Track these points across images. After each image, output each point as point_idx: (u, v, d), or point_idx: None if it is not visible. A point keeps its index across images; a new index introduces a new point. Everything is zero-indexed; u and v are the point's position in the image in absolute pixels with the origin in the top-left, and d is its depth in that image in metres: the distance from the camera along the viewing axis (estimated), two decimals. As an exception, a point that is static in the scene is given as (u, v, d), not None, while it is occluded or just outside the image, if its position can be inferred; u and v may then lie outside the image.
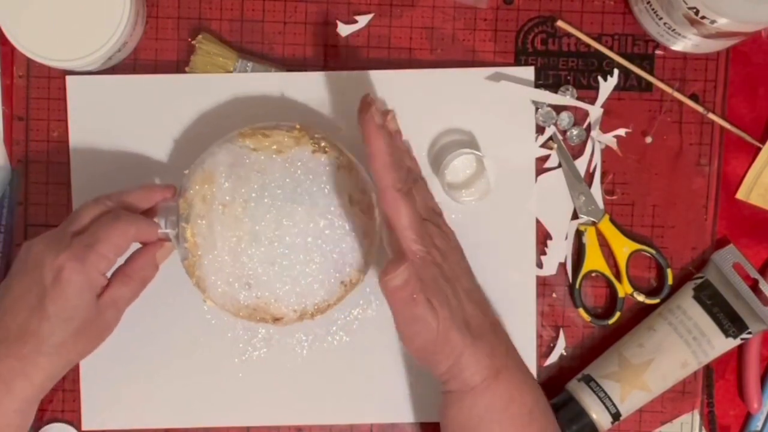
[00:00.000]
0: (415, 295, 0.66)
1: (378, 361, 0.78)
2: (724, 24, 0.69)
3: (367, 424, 0.79)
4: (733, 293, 0.76)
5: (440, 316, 0.66)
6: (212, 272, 0.71)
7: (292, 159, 0.71)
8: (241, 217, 0.71)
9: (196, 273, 0.72)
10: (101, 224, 0.67)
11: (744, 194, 0.79)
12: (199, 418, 0.78)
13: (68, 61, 0.72)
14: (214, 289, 0.71)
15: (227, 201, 0.71)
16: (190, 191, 0.71)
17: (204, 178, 0.71)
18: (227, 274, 0.71)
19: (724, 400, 0.80)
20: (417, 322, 0.66)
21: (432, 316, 0.66)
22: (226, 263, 0.71)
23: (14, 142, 0.78)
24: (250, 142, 0.71)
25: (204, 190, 0.71)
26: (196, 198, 0.71)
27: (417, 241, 0.67)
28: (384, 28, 0.79)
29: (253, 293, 0.71)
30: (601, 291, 0.79)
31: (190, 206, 0.71)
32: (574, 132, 0.78)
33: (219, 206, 0.71)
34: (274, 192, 0.71)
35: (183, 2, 0.78)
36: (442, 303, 0.66)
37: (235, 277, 0.71)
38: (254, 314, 0.72)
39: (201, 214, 0.71)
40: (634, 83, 0.79)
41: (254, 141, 0.71)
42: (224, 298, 0.72)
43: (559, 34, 0.79)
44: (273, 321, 0.72)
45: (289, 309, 0.72)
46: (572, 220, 0.79)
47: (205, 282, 0.71)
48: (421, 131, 0.78)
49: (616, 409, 0.75)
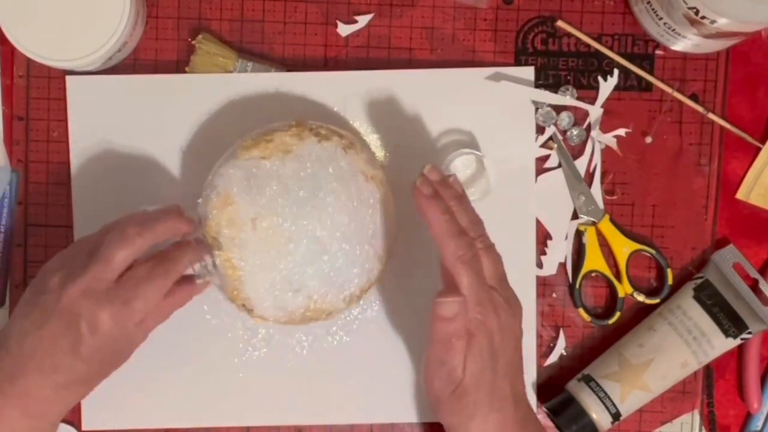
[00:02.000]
0: (454, 340, 0.66)
1: (378, 361, 0.78)
2: (724, 24, 0.69)
3: (367, 424, 0.79)
4: (733, 293, 0.76)
5: (467, 376, 0.66)
6: (256, 290, 0.70)
7: (300, 155, 0.70)
8: (272, 227, 0.69)
9: (240, 296, 0.71)
10: (138, 281, 0.66)
11: (744, 194, 0.80)
12: (199, 418, 0.78)
13: (68, 61, 0.72)
14: (261, 305, 0.71)
15: (254, 215, 0.69)
16: (211, 218, 0.70)
17: (222, 202, 0.70)
18: (272, 287, 0.70)
19: (724, 400, 0.80)
20: (443, 366, 0.67)
21: (459, 372, 0.66)
22: (269, 277, 0.70)
23: (14, 142, 0.78)
24: (257, 152, 0.71)
25: (227, 213, 0.70)
26: (221, 223, 0.70)
27: (475, 309, 0.66)
28: (384, 28, 0.79)
29: (299, 297, 0.71)
30: (601, 291, 0.80)
31: (217, 232, 0.70)
32: (574, 132, 0.79)
33: (248, 223, 0.69)
34: (296, 192, 0.70)
35: (183, 2, 0.78)
36: (474, 367, 0.66)
37: (280, 288, 0.70)
38: (306, 317, 0.71)
39: (231, 236, 0.70)
40: (634, 83, 0.79)
41: (260, 149, 0.71)
42: (274, 311, 0.71)
43: (559, 34, 0.79)
44: (326, 317, 0.72)
45: (338, 299, 0.71)
46: (572, 220, 0.79)
47: (252, 302, 0.71)
48: (421, 131, 0.78)
49: (616, 409, 0.75)
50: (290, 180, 0.70)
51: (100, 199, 0.77)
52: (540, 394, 0.79)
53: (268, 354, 0.78)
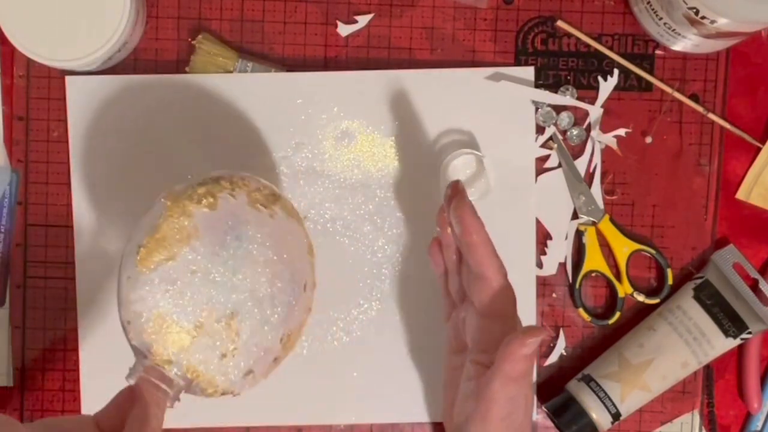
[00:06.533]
0: (528, 377, 0.64)
1: (378, 361, 0.78)
2: (724, 24, 0.69)
3: (367, 424, 0.79)
4: (733, 293, 0.76)
5: (530, 413, 0.65)
6: (223, 374, 0.64)
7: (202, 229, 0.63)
8: (215, 318, 0.63)
9: (219, 389, 0.65)
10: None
11: (744, 194, 0.79)
12: (198, 418, 0.78)
13: (68, 61, 0.72)
14: (234, 383, 0.66)
15: (195, 320, 0.63)
16: (155, 347, 0.63)
17: (158, 326, 0.63)
18: (233, 364, 0.65)
19: (724, 400, 0.80)
20: (516, 401, 0.64)
21: (530, 405, 0.65)
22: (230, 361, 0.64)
23: (14, 142, 0.78)
24: (158, 256, 0.63)
25: (168, 332, 0.63)
26: (167, 347, 0.63)
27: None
28: (384, 28, 0.79)
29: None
30: (601, 291, 0.80)
31: (169, 354, 0.63)
32: (574, 132, 0.79)
33: (192, 331, 0.63)
34: (224, 264, 0.63)
35: (183, 2, 0.78)
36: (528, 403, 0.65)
37: (234, 361, 0.65)
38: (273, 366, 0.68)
39: (186, 347, 0.63)
40: (634, 83, 0.79)
41: (159, 252, 0.63)
42: (245, 379, 0.66)
43: (559, 34, 0.79)
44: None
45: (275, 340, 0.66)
46: (572, 220, 0.79)
47: (234, 387, 0.66)
48: (421, 131, 0.78)
49: (616, 409, 0.76)
50: (209, 263, 0.63)
51: (100, 199, 0.77)
52: (540, 394, 0.79)
53: (268, 354, 0.78)
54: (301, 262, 0.67)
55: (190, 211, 0.64)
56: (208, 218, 0.64)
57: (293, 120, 0.77)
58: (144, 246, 0.63)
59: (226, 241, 0.63)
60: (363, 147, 0.78)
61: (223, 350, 0.63)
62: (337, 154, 0.78)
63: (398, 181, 0.78)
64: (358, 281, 0.78)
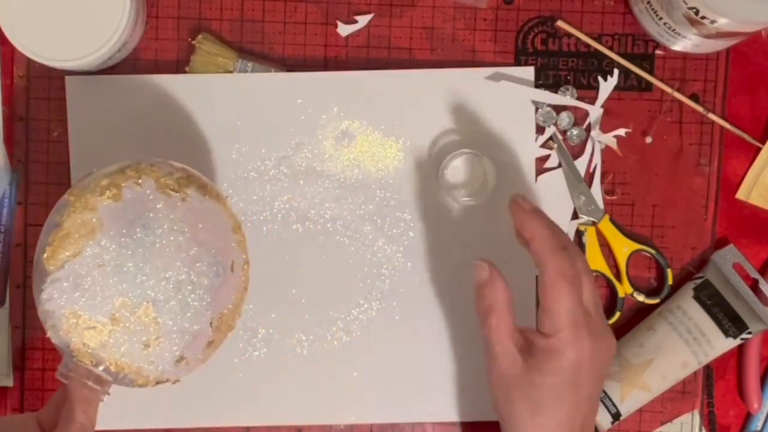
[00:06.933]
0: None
1: (378, 361, 0.78)
2: (724, 24, 0.69)
3: (367, 424, 0.79)
4: (733, 293, 0.76)
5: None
6: (148, 361, 0.64)
7: (106, 221, 0.63)
8: (129, 306, 0.63)
9: (150, 379, 0.65)
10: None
11: (744, 194, 0.79)
12: (198, 418, 0.78)
13: (68, 61, 0.72)
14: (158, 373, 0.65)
15: (108, 311, 0.62)
16: (74, 342, 0.63)
17: (72, 323, 0.63)
18: (158, 355, 0.64)
19: (724, 400, 0.80)
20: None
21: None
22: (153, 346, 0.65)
23: (14, 142, 0.78)
24: (63, 254, 0.63)
25: (84, 327, 0.63)
26: (86, 341, 0.63)
27: (569, 330, 0.65)
28: (384, 28, 0.79)
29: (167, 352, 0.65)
30: (601, 291, 0.79)
31: (89, 348, 0.63)
32: (574, 132, 0.79)
33: (108, 324, 0.63)
34: (132, 256, 0.63)
35: (183, 2, 0.78)
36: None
37: (156, 349, 0.64)
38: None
39: (103, 343, 0.63)
40: (634, 83, 0.79)
41: (64, 249, 0.63)
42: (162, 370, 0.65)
43: (559, 34, 0.79)
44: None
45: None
46: (572, 220, 0.79)
47: (167, 376, 0.66)
48: (421, 131, 0.78)
49: (616, 409, 0.75)
50: (118, 255, 0.62)
51: (100, 199, 0.77)
52: (540, 394, 0.79)
53: (268, 354, 0.78)
54: (224, 242, 0.66)
55: (93, 204, 0.63)
56: (112, 210, 0.63)
57: (293, 120, 0.77)
58: (50, 244, 0.63)
59: (133, 231, 0.63)
60: (363, 147, 0.78)
61: (145, 340, 0.63)
62: (337, 154, 0.78)
63: (398, 181, 0.78)
64: (358, 281, 0.78)
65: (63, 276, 0.63)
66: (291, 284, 0.78)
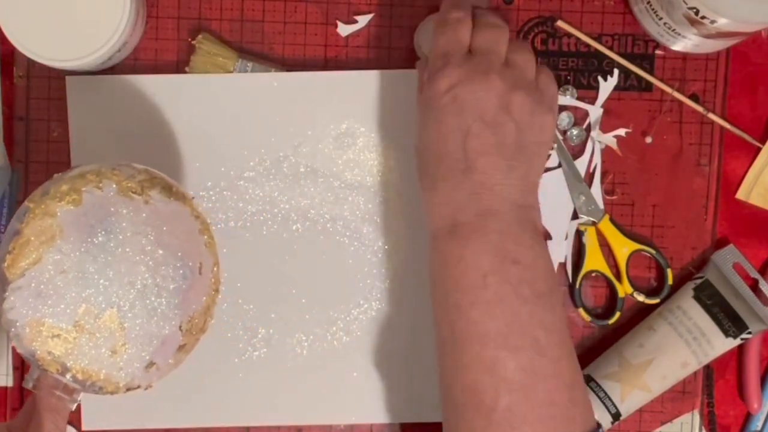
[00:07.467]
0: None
1: (378, 361, 0.78)
2: (724, 24, 0.69)
3: (367, 424, 0.79)
4: (733, 293, 0.76)
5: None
6: (116, 368, 0.63)
7: (67, 227, 0.62)
8: (93, 313, 0.62)
9: (111, 384, 0.64)
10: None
11: (744, 194, 0.80)
12: (199, 418, 0.78)
13: (68, 61, 0.72)
14: (124, 379, 0.64)
15: (72, 319, 0.62)
16: (39, 352, 0.62)
17: (35, 332, 0.62)
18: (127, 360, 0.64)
19: (724, 400, 0.80)
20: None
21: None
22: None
23: (14, 142, 0.78)
24: (24, 262, 0.62)
25: (47, 336, 0.62)
26: (50, 349, 0.62)
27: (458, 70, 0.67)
28: (384, 28, 0.79)
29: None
30: (601, 291, 0.80)
31: (54, 357, 0.62)
32: (574, 132, 0.79)
33: (72, 331, 0.62)
34: (93, 262, 0.62)
35: (183, 2, 0.78)
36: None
37: (128, 353, 0.64)
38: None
39: (69, 350, 0.62)
40: (634, 83, 0.79)
41: (24, 257, 0.62)
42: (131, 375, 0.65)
43: (559, 34, 0.79)
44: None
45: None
46: (572, 220, 0.79)
47: (137, 382, 0.65)
48: (421, 131, 0.78)
49: (616, 409, 0.76)
50: (80, 261, 0.62)
51: (99, 199, 0.77)
52: (540, 394, 0.79)
53: (268, 354, 0.78)
54: (190, 243, 0.65)
55: (53, 210, 0.62)
56: (72, 215, 0.62)
57: (293, 120, 0.77)
58: (9, 252, 0.62)
59: (95, 236, 0.62)
60: (363, 147, 0.78)
61: (112, 346, 0.62)
62: (337, 154, 0.78)
63: (398, 181, 0.78)
64: (358, 281, 0.78)
65: (24, 284, 0.61)
66: (291, 284, 0.78)
